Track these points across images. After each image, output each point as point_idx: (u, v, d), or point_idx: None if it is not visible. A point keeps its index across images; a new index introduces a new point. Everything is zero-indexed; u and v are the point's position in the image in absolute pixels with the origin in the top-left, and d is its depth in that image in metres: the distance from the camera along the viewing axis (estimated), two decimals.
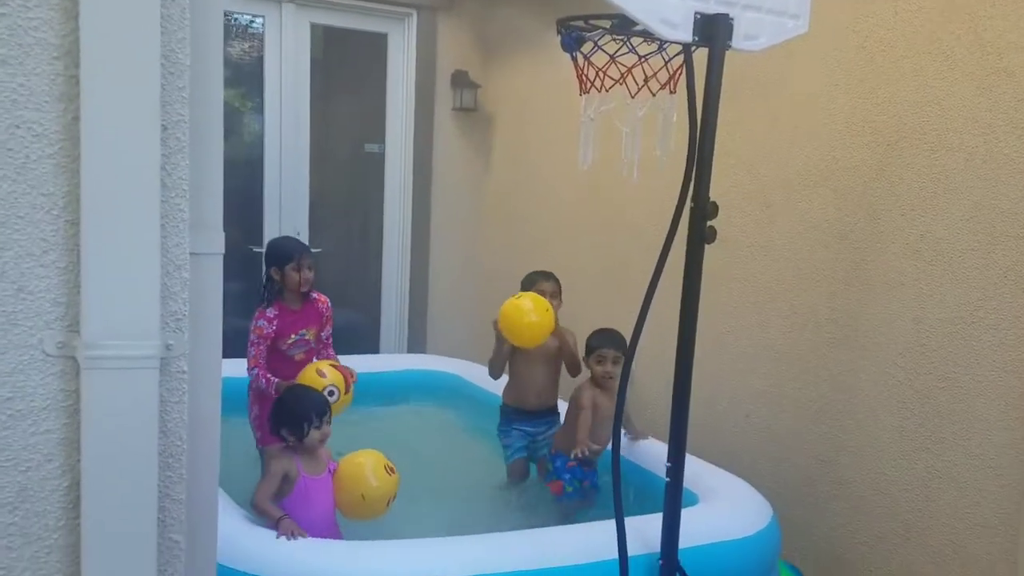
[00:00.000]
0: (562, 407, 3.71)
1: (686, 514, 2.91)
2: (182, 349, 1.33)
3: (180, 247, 1.32)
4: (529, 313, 3.38)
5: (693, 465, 3.39)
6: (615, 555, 2.48)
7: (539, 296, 3.51)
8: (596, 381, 3.50)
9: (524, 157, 5.50)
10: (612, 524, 2.51)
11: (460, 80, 5.65)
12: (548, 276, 3.79)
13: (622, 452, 2.68)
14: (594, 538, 2.60)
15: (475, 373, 4.72)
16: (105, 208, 1.21)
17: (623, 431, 3.32)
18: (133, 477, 1.25)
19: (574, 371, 3.72)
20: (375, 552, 2.48)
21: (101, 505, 1.22)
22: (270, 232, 5.41)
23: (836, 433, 3.44)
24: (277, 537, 2.54)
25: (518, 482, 3.75)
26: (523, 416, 3.75)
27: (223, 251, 1.44)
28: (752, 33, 2.46)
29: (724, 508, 3.02)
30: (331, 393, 3.15)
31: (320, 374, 3.28)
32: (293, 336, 3.58)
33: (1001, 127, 2.86)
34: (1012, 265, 2.83)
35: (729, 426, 3.92)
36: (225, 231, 1.47)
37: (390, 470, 2.87)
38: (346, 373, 3.38)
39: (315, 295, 3.70)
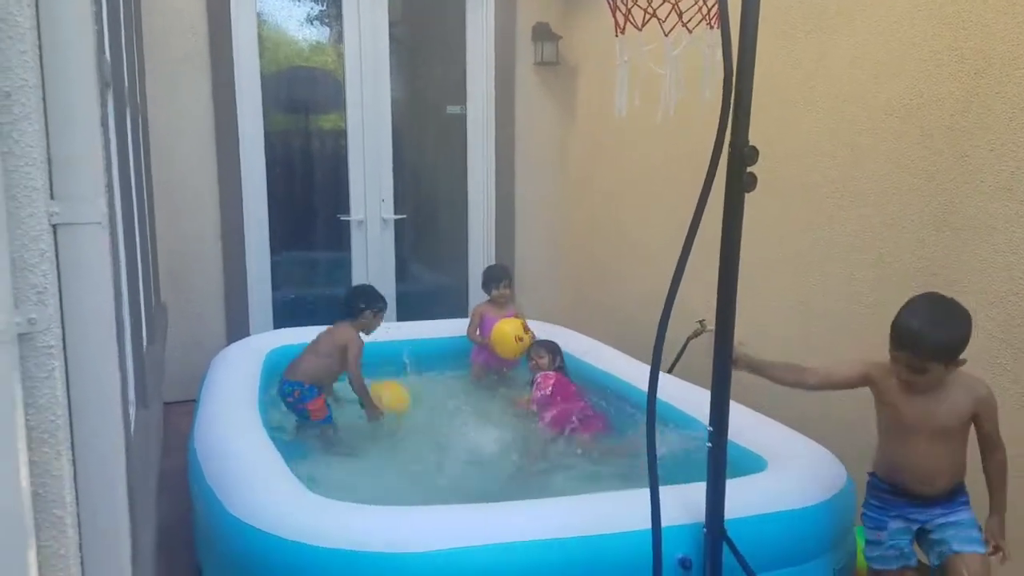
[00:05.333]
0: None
1: (752, 481, 2.76)
2: (47, 323, 1.27)
3: (35, 218, 1.25)
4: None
5: (766, 428, 3.21)
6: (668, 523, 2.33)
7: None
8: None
9: (610, 110, 5.29)
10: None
11: (541, 33, 5.47)
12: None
13: None
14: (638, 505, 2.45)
15: (563, 337, 4.61)
16: None
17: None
18: None
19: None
20: (427, 517, 2.44)
21: None
22: (356, 201, 5.45)
23: None
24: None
25: None
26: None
27: (101, 221, 1.37)
28: None
29: (794, 474, 2.81)
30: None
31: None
32: None
33: None
34: None
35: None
36: (311, 201, 1.34)
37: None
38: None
39: None
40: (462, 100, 5.67)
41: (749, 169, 2.21)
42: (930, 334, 2.34)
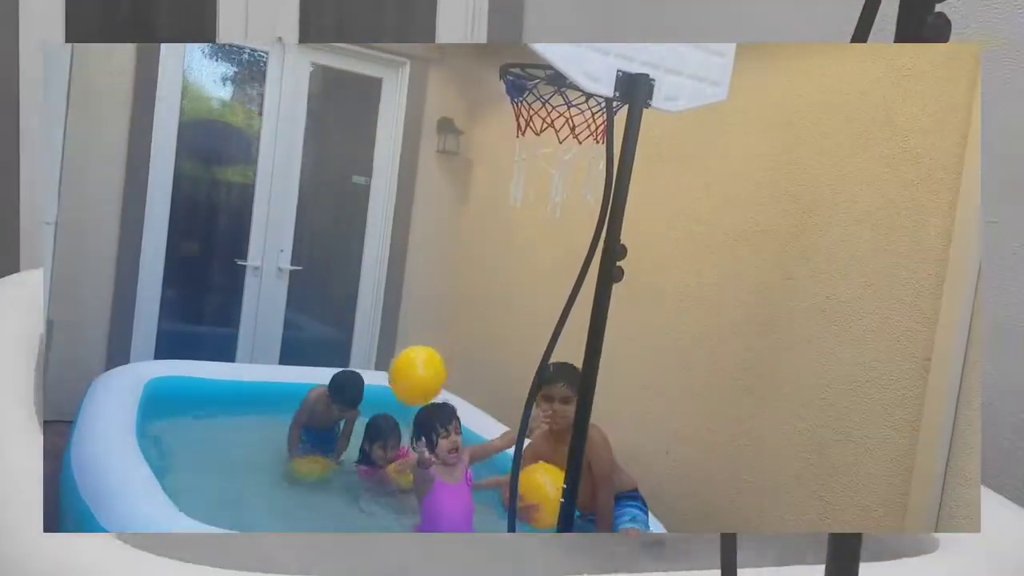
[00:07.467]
0: None
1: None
2: None
3: None
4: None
5: None
6: None
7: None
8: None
9: (497, 200, 5.50)
10: None
11: (445, 126, 5.68)
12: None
13: None
14: None
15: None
16: None
17: None
18: None
19: None
20: None
21: None
22: (255, 247, 5.39)
23: (743, 474, 3.38)
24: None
25: None
26: None
27: None
28: (672, 95, 2.46)
29: None
30: None
31: None
32: None
33: (904, 203, 2.85)
34: (904, 330, 2.80)
35: (650, 462, 3.85)
36: (211, 244, 1.34)
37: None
38: None
39: None
40: (368, 172, 5.76)
41: (618, 263, 2.40)
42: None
